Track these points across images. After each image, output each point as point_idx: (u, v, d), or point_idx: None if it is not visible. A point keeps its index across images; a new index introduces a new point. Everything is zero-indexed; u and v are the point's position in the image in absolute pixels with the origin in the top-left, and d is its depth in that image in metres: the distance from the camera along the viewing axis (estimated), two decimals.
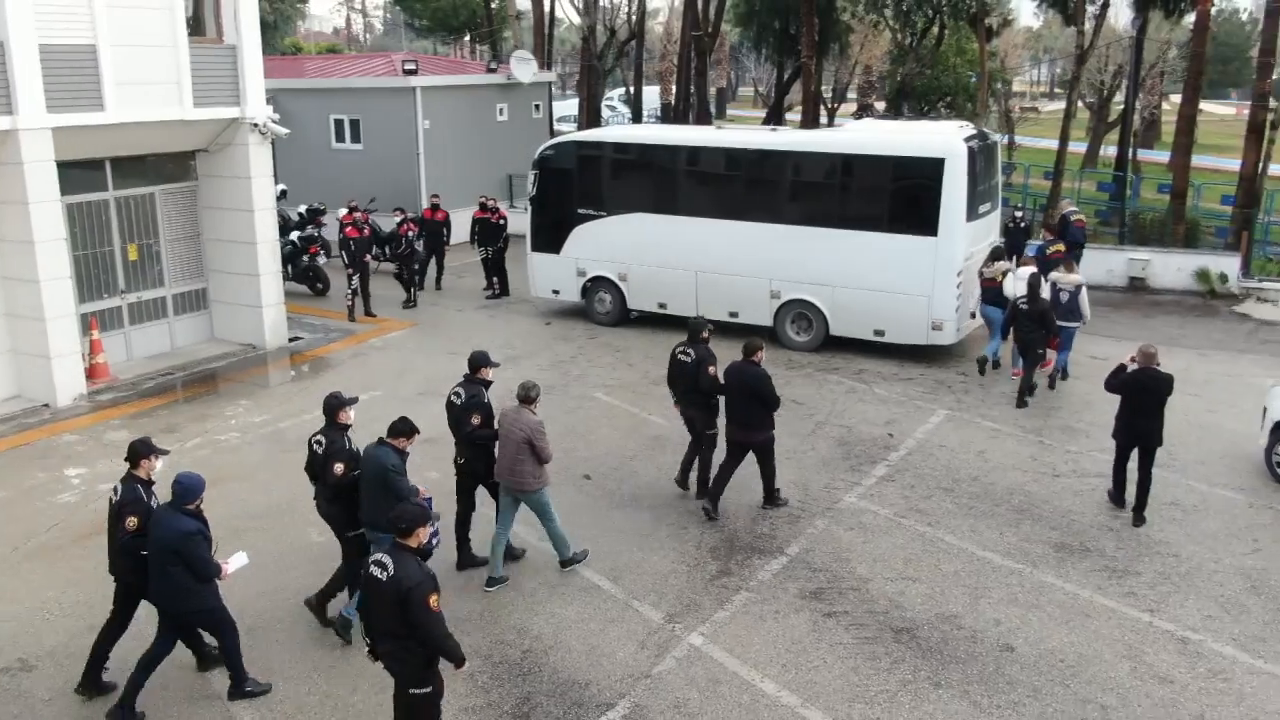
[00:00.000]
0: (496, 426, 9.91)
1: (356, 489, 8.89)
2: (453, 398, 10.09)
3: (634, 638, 8.96)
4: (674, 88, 46.61)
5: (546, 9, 38.75)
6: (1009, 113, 38.23)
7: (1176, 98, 58.13)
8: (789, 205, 17.16)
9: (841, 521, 11.13)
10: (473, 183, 26.67)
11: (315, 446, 9.24)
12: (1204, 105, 52.16)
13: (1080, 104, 61.68)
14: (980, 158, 16.48)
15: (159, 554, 7.76)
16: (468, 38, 49.77)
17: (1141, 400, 10.95)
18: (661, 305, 18.53)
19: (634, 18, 37.85)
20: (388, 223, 23.19)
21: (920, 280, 16.06)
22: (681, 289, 18.14)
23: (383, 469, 8.67)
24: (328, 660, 8.77)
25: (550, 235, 19.20)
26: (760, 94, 59.80)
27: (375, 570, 6.64)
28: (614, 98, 59.60)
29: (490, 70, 28.52)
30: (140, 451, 8.15)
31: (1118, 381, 11.16)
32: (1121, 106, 40.97)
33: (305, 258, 21.59)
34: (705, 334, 11.45)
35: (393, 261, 22.52)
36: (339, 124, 26.90)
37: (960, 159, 15.75)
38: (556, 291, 19.53)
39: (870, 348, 16.91)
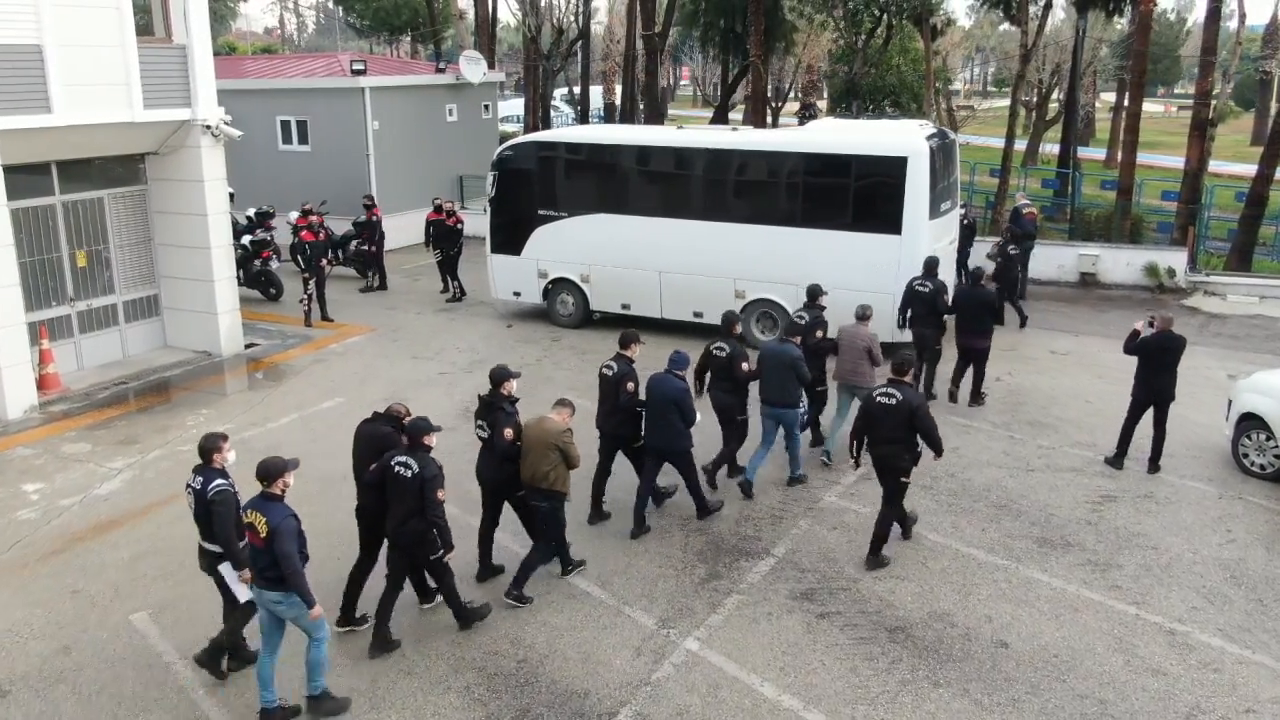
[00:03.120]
0: (837, 337, 12.40)
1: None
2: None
3: (629, 644, 8.86)
4: (618, 88, 46.64)
5: (490, 8, 38.45)
6: (952, 111, 38.63)
7: (1107, 96, 59.55)
8: (752, 205, 17.17)
9: (824, 521, 11.12)
10: (423, 184, 26.42)
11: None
12: (1124, 102, 53.73)
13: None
14: (940, 156, 16.61)
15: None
16: (408, 37, 49.17)
17: (1161, 359, 11.93)
18: (625, 306, 18.43)
19: (580, 17, 37.68)
20: (339, 226, 22.89)
21: (885, 278, 16.11)
22: (645, 290, 18.06)
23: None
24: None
25: (511, 237, 19.00)
26: (703, 93, 59.91)
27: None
28: (556, 98, 59.36)
29: (440, 70, 28.20)
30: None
31: (1137, 344, 12.12)
32: (1057, 104, 41.92)
33: (257, 262, 21.15)
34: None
35: (352, 262, 22.30)
36: (285, 125, 26.42)
37: (922, 157, 15.85)
38: (518, 294, 19.34)
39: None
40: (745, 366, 11.39)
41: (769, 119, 37.84)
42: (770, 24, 33.52)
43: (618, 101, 44.54)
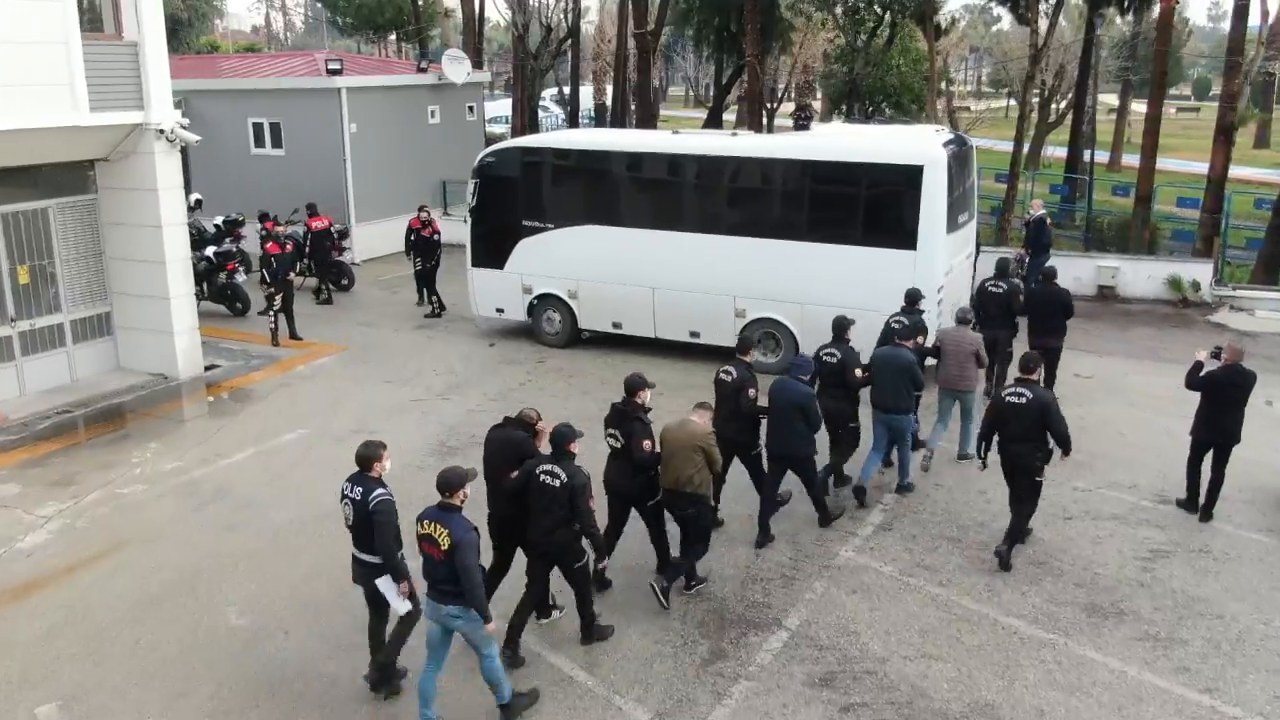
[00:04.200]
0: (937, 343, 12.08)
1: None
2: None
3: None
4: (609, 88, 45.26)
5: (476, 6, 37.08)
6: (953, 113, 37.40)
7: (1104, 97, 58.30)
8: (753, 216, 15.85)
9: (842, 583, 9.81)
10: (403, 189, 25.07)
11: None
12: (1134, 105, 52.41)
13: (1015, 102, 61.89)
14: (957, 164, 15.32)
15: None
16: (393, 36, 47.77)
17: (1226, 396, 10.71)
18: (616, 325, 17.10)
19: (569, 15, 36.34)
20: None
21: (898, 297, 14.77)
22: (637, 307, 16.73)
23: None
24: None
25: (493, 249, 17.66)
26: (696, 94, 58.62)
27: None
28: (546, 99, 58.01)
29: (421, 70, 26.79)
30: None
31: (1201, 379, 10.88)
32: (1055, 107, 40.67)
33: (222, 275, 19.77)
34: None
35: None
36: (258, 128, 25.02)
37: (939, 166, 14.56)
38: (500, 310, 18.00)
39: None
40: (859, 372, 11.20)
41: (764, 120, 36.60)
42: (766, 23, 32.19)
43: (609, 102, 43.20)
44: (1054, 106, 37.96)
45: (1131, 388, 15.42)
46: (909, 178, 14.60)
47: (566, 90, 44.07)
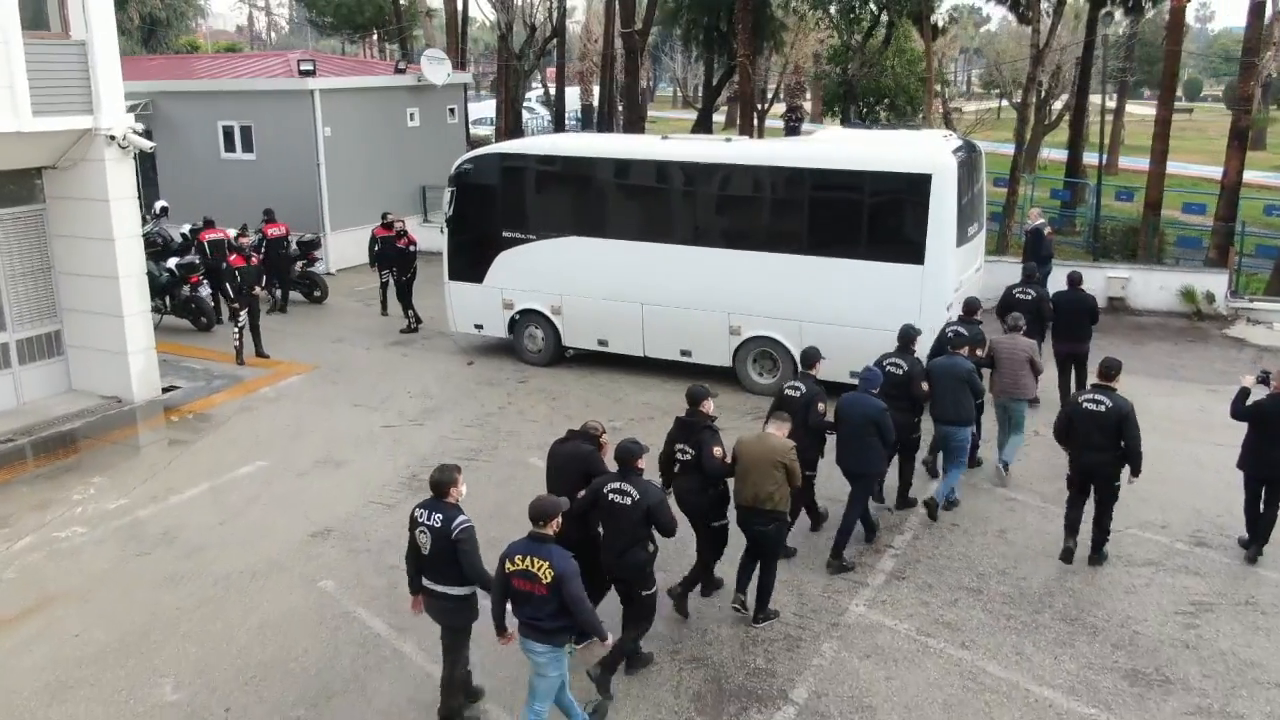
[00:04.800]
0: (991, 354, 11.65)
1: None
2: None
3: None
4: (596, 89, 44.22)
5: (460, 5, 36.02)
6: (949, 115, 36.48)
7: (1096, 98, 57.41)
8: (750, 228, 14.84)
9: (853, 645, 8.79)
10: (381, 196, 23.95)
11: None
12: (1125, 106, 51.45)
13: (1007, 103, 61.07)
14: (966, 172, 14.33)
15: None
16: (375, 36, 46.63)
17: (1277, 427, 9.78)
18: (602, 343, 16.07)
19: (555, 14, 35.28)
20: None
21: (904, 315, 13.69)
22: (625, 324, 15.70)
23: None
24: None
25: (471, 262, 16.61)
26: (685, 95, 57.61)
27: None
28: (531, 99, 56.96)
29: (399, 71, 25.70)
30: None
31: (1247, 408, 10.04)
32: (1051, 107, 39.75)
33: (186, 288, 18.66)
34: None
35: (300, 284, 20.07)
36: (228, 131, 23.91)
37: (949, 174, 13.58)
38: (480, 326, 16.95)
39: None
40: (924, 386, 10.84)
41: (755, 122, 35.64)
42: (758, 21, 31.21)
43: (596, 103, 42.17)
44: (1049, 108, 37.14)
45: (1153, 411, 14.37)
46: (916, 187, 13.61)
47: (553, 91, 42.98)
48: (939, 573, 10.02)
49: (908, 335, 11.20)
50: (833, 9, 29.96)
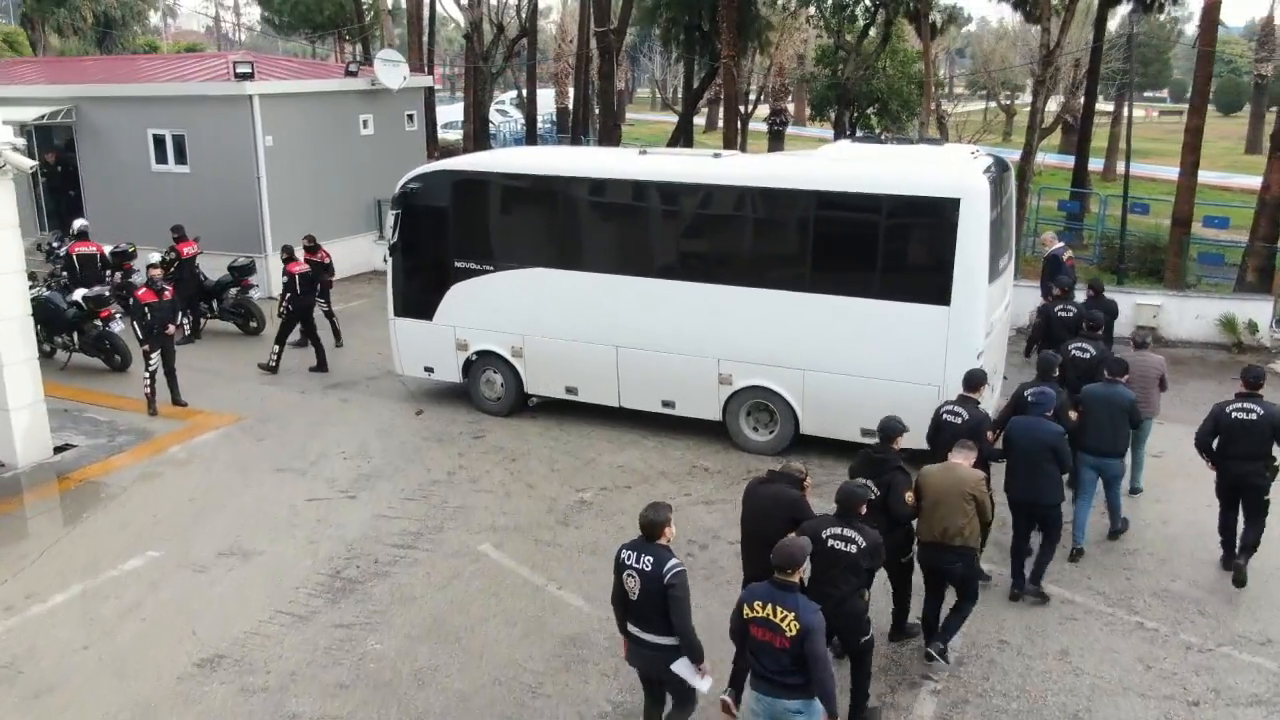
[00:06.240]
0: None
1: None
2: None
3: None
4: (571, 91, 42.01)
5: (425, 3, 33.72)
6: (942, 118, 34.43)
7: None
8: (744, 260, 12.65)
9: None
10: (330, 211, 21.86)
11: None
12: (1109, 107, 49.47)
13: (994, 104, 59.23)
14: (996, 194, 12.19)
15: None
16: (334, 36, 44.23)
17: None
18: (570, 391, 13.85)
19: (525, 13, 33.02)
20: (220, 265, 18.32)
21: (927, 364, 11.69)
22: (597, 370, 13.49)
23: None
24: None
25: (419, 296, 14.39)
26: (664, 98, 55.44)
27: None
28: (505, 101, 54.73)
29: (350, 74, 23.35)
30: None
31: None
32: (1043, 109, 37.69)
33: (97, 323, 16.32)
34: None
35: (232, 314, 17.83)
36: (159, 141, 21.55)
37: (980, 199, 11.44)
38: (430, 370, 14.71)
39: (855, 452, 12.42)
40: (1073, 414, 10.17)
41: (740, 126, 33.51)
42: (742, 20, 29.03)
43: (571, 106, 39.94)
44: (1045, 111, 35.16)
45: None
46: (942, 214, 11.46)
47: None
48: (992, 717, 7.85)
49: (1048, 364, 10.41)
50: (826, 5, 27.78)
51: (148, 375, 14.50)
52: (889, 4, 26.65)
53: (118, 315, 16.30)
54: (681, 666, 6.78)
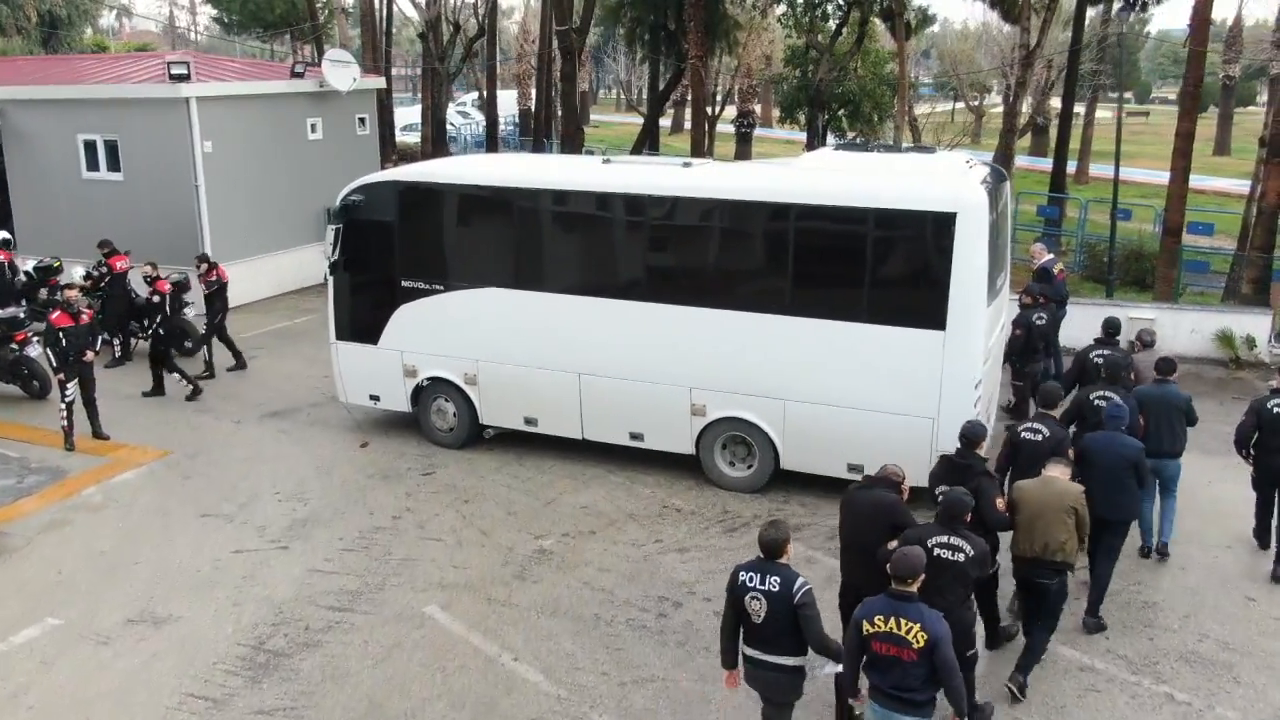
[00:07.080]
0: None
1: None
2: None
3: None
4: (533, 92, 40.82)
5: (379, 2, 32.40)
6: (914, 120, 33.57)
7: (1056, 101, 55.17)
8: (719, 280, 11.52)
9: None
10: (276, 221, 20.64)
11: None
12: (1080, 109, 48.80)
13: (963, 105, 58.63)
14: (993, 207, 11.14)
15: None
16: (290, 37, 42.75)
17: None
18: (529, 421, 12.68)
19: (483, 12, 31.78)
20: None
21: (920, 394, 10.64)
22: (558, 399, 12.33)
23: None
24: None
25: (363, 318, 13.20)
26: (628, 99, 54.37)
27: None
28: (467, 103, 53.53)
29: (296, 75, 22.03)
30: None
31: None
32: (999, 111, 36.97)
33: (13, 347, 14.97)
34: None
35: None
36: (90, 147, 20.17)
37: (978, 213, 10.39)
38: (376, 398, 13.49)
39: (842, 489, 11.28)
40: (1141, 420, 9.92)
41: (707, 128, 32.46)
42: (711, 19, 27.99)
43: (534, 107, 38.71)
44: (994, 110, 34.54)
45: (1222, 502, 11.35)
46: (937, 230, 10.41)
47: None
48: None
49: (1115, 368, 10.38)
50: (798, 5, 26.76)
51: (64, 406, 13.19)
52: (863, 3, 25.64)
53: (34, 339, 14.96)
54: (829, 669, 6.77)
